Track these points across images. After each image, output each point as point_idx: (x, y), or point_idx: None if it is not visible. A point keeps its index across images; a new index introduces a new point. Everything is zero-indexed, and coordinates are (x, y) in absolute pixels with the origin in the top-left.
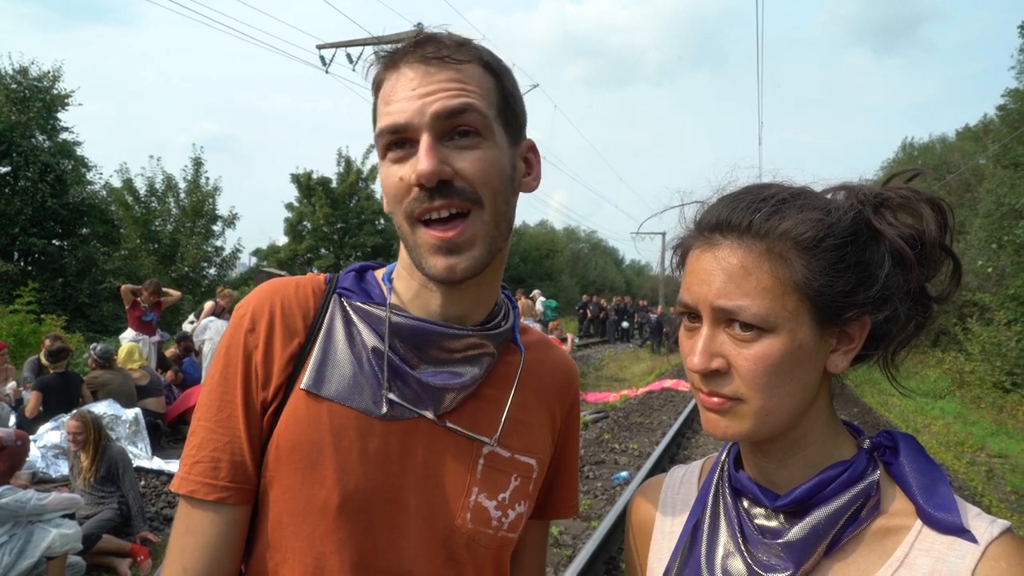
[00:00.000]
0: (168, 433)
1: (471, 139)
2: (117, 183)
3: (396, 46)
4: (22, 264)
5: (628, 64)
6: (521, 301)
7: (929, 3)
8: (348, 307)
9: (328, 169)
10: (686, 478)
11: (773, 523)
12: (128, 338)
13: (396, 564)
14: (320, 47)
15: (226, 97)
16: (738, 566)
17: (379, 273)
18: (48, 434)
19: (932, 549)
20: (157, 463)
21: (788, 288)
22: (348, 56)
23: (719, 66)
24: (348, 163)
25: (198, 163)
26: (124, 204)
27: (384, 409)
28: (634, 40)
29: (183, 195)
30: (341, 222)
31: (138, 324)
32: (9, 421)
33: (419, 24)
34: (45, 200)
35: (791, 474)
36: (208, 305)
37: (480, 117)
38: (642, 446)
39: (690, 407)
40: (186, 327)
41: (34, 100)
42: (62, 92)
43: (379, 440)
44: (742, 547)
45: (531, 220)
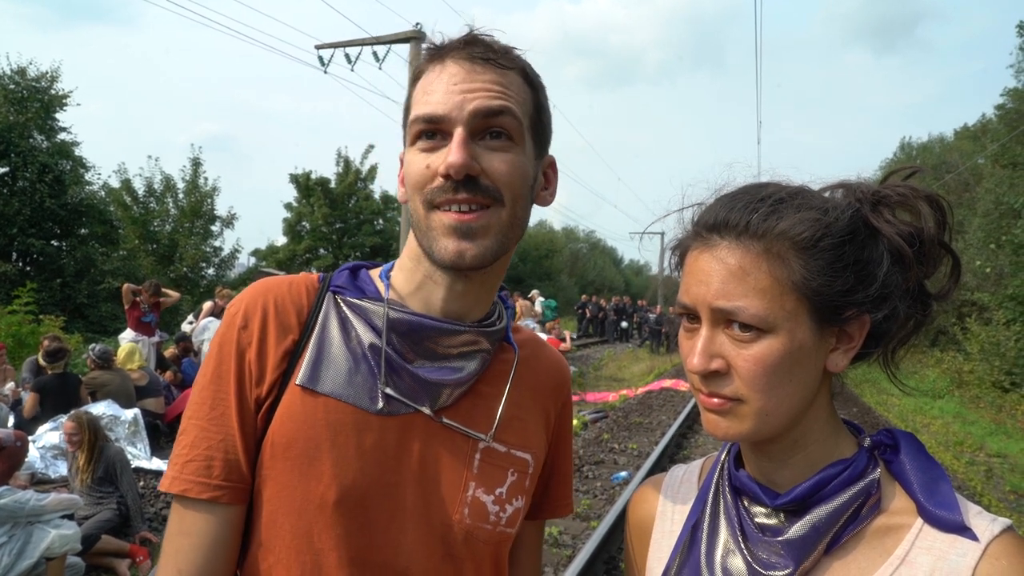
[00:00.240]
0: (167, 433)
1: (502, 141)
2: (115, 183)
3: (444, 41)
4: (20, 264)
5: (627, 64)
6: (520, 302)
7: (928, 2)
8: (343, 303)
9: (327, 169)
10: (686, 477)
11: (773, 521)
12: (127, 338)
13: (394, 560)
14: (319, 47)
15: (226, 97)
16: (738, 564)
17: (374, 272)
18: (47, 435)
19: (933, 547)
20: (156, 463)
21: (786, 288)
22: (347, 56)
23: (719, 66)
24: (347, 163)
25: (196, 163)
26: (122, 204)
27: (380, 404)
28: (633, 40)
29: (182, 195)
30: (340, 222)
31: (137, 324)
32: (8, 422)
33: (468, 26)
34: (43, 200)
35: (792, 473)
36: (207, 305)
37: (515, 122)
38: (641, 446)
39: (689, 407)
40: (185, 327)
41: (32, 100)
42: (60, 92)
43: (376, 435)
44: (742, 545)
45: (530, 220)
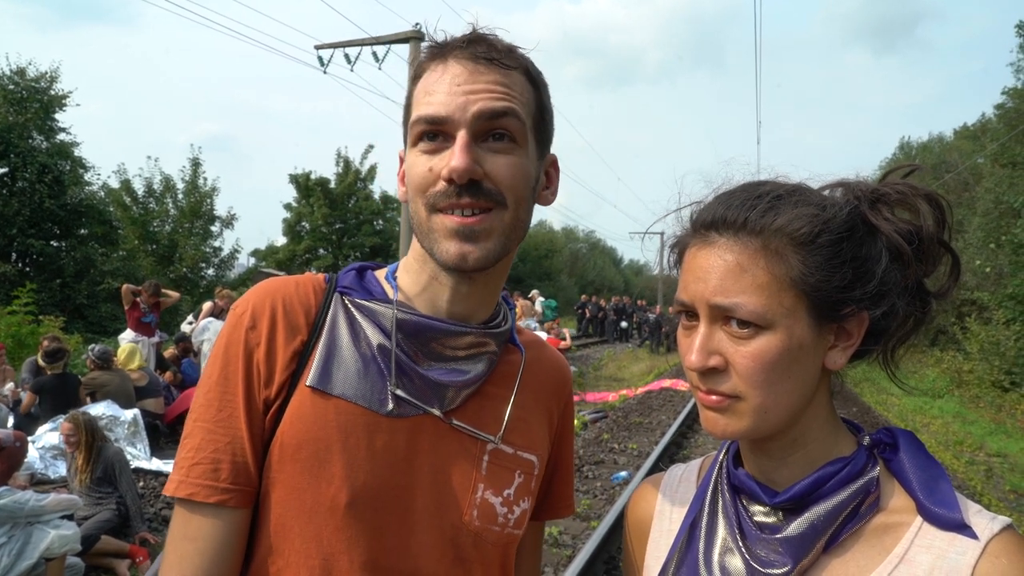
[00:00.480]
0: (167, 434)
1: (505, 143)
2: (115, 184)
3: (446, 39)
4: (20, 265)
5: (627, 64)
6: (521, 302)
7: (927, 2)
8: (350, 304)
9: (327, 169)
10: (685, 476)
11: (772, 519)
12: (127, 339)
13: (404, 563)
14: (318, 47)
15: (226, 97)
16: (736, 563)
17: (380, 273)
18: (46, 435)
19: (932, 545)
20: (156, 464)
21: (784, 284)
22: (346, 56)
23: (718, 66)
24: (347, 163)
25: (196, 164)
26: (122, 205)
27: (390, 406)
28: (633, 40)
29: (181, 196)
30: (339, 222)
31: (137, 325)
32: (7, 422)
33: (471, 24)
34: (43, 201)
35: (791, 472)
36: (207, 306)
37: (518, 123)
38: (641, 446)
39: (689, 406)
40: (185, 328)
41: (32, 101)
42: (60, 93)
43: (386, 437)
44: (740, 543)
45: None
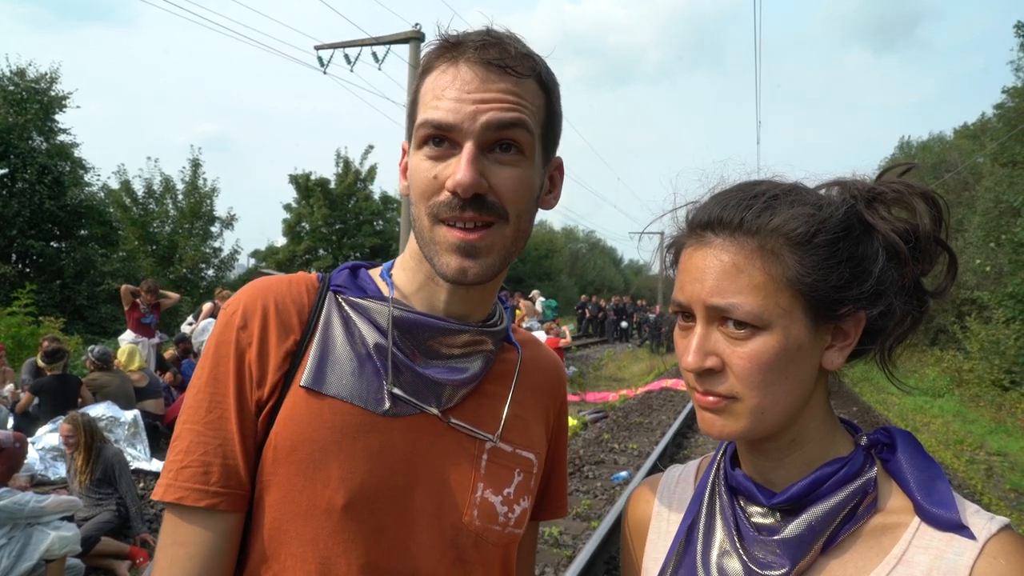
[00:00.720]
0: (167, 435)
1: (512, 155)
2: (115, 185)
3: (459, 34)
4: (20, 266)
5: (627, 64)
6: (522, 303)
7: (927, 2)
8: (344, 303)
9: (327, 170)
10: (682, 477)
11: (769, 520)
12: (127, 340)
13: (404, 565)
14: (318, 48)
15: (225, 97)
16: (734, 565)
17: (374, 271)
18: (46, 436)
19: (930, 546)
20: (156, 465)
21: (781, 284)
22: (346, 57)
23: (718, 65)
24: (347, 164)
25: (196, 164)
26: (122, 206)
27: (387, 405)
28: (633, 40)
29: (181, 196)
30: (339, 223)
31: (137, 326)
32: (7, 423)
33: (486, 26)
34: (43, 202)
35: (788, 472)
36: (207, 307)
37: (527, 135)
38: (641, 446)
39: (689, 407)
40: (184, 329)
41: (31, 102)
42: (60, 94)
43: (383, 437)
44: (738, 545)
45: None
